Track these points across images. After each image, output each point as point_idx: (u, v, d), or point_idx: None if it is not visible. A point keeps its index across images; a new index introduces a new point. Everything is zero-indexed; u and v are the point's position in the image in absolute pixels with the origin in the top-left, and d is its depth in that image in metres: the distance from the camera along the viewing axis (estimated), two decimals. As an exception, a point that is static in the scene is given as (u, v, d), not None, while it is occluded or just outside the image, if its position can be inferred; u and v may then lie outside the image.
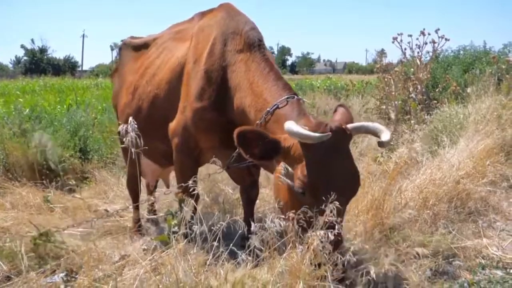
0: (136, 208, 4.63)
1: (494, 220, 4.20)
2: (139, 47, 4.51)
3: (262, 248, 2.42)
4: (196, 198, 3.33)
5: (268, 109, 2.89)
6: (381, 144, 2.71)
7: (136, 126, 2.99)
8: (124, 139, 3.09)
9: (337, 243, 2.48)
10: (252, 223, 2.45)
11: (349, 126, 2.74)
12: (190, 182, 2.87)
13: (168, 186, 5.21)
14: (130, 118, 3.02)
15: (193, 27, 3.78)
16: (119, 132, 4.84)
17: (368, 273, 2.80)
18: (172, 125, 3.53)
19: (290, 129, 2.52)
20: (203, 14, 3.84)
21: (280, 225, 2.40)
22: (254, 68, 3.15)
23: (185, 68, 3.52)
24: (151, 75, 3.92)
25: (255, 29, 3.36)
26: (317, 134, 2.47)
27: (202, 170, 4.05)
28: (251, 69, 3.16)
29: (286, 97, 2.91)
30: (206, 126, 3.32)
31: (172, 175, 5.21)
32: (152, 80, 3.87)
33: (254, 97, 3.06)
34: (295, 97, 2.95)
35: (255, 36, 3.28)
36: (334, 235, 2.36)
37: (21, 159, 6.28)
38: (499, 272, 3.24)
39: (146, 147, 4.05)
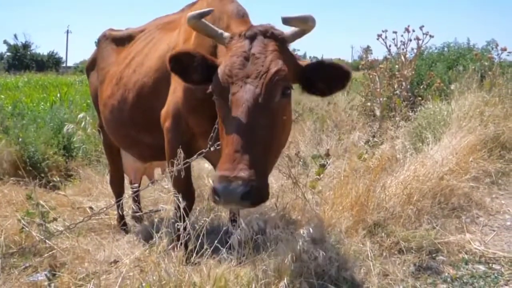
0: (120, 205, 4.60)
1: (477, 216, 4.24)
2: (122, 39, 4.44)
3: (241, 247, 2.42)
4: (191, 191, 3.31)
5: None
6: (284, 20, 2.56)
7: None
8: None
9: None
10: (230, 223, 2.45)
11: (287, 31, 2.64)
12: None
13: (153, 183, 5.18)
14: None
15: (182, 17, 3.75)
16: (99, 129, 4.83)
17: (352, 268, 2.82)
18: (164, 109, 3.44)
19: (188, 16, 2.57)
20: (193, 4, 3.81)
21: (259, 225, 2.40)
22: None
23: None
24: (138, 64, 3.84)
25: (243, 10, 3.33)
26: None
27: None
28: None
29: None
30: (196, 105, 3.20)
31: (157, 172, 5.19)
32: (140, 68, 3.79)
33: None
34: None
35: (242, 12, 3.28)
36: None
37: (3, 157, 6.21)
38: (482, 267, 3.28)
39: (130, 140, 4.00)
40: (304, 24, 2.56)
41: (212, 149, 3.06)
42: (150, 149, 3.81)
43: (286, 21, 2.53)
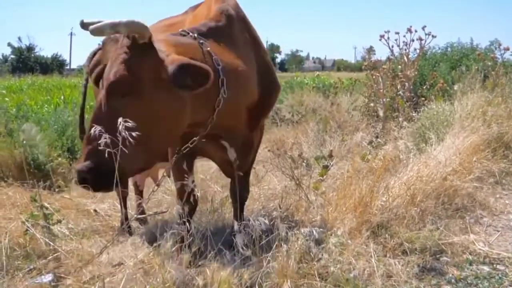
0: (124, 207, 4.61)
1: (481, 216, 4.24)
2: None
3: (246, 247, 2.42)
4: (193, 194, 3.31)
5: None
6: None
7: None
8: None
9: None
10: (236, 222, 2.45)
11: None
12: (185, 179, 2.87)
13: (158, 185, 5.18)
14: None
15: (186, 19, 3.74)
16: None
17: (355, 270, 2.82)
18: None
19: None
20: (196, 6, 3.82)
21: (263, 225, 2.40)
22: None
23: None
24: None
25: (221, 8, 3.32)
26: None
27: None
28: None
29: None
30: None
31: (161, 174, 5.19)
32: None
33: None
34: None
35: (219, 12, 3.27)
36: None
37: (7, 159, 6.23)
38: (486, 268, 3.27)
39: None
40: (110, 32, 2.64)
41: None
42: None
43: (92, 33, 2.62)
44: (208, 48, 2.90)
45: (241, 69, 3.12)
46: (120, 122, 2.38)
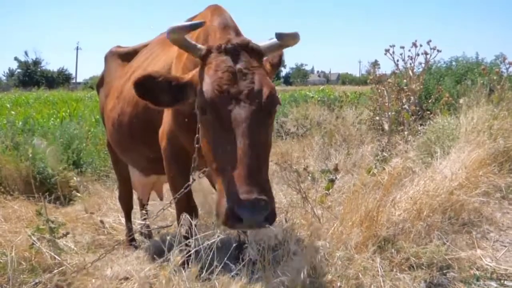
0: (129, 221, 4.61)
1: (488, 231, 4.21)
2: (128, 54, 4.51)
3: (258, 258, 2.41)
4: (193, 208, 3.30)
5: None
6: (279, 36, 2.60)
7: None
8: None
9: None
10: (246, 234, 2.44)
11: (263, 44, 2.63)
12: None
13: (161, 199, 5.19)
14: None
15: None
16: (108, 145, 4.86)
17: (362, 285, 2.80)
18: (160, 128, 3.44)
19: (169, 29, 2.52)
20: (192, 19, 3.83)
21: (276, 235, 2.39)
22: None
23: (171, 68, 3.45)
24: None
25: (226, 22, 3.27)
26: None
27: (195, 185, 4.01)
28: None
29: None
30: (183, 122, 3.08)
31: (166, 188, 5.20)
32: None
33: None
34: None
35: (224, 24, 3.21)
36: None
37: (13, 172, 6.25)
38: (493, 284, 3.24)
39: (130, 153, 4.02)
40: (293, 41, 2.63)
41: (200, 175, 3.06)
42: (150, 162, 3.83)
43: (280, 36, 2.59)
44: None
45: None
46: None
